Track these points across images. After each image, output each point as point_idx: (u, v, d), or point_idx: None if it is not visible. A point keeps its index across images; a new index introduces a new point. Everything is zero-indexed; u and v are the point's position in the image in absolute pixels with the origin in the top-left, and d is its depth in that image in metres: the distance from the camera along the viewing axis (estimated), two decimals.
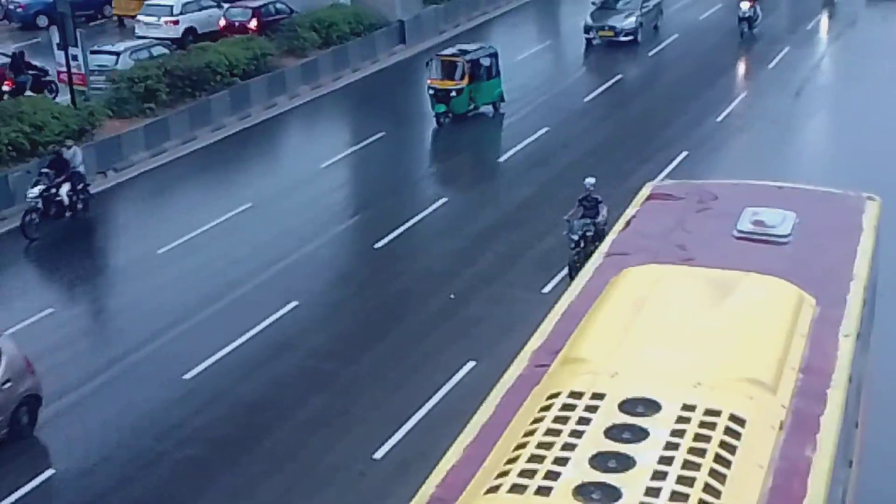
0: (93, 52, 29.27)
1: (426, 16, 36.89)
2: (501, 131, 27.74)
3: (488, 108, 28.34)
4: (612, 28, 33.94)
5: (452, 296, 18.88)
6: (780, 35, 35.85)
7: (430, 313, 18.41)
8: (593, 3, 35.29)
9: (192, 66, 28.66)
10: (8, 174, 23.33)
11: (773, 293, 9.95)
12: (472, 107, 27.70)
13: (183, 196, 24.94)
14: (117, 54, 29.88)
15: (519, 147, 26.17)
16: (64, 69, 26.77)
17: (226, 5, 36.23)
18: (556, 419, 7.63)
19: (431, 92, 27.41)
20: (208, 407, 15.87)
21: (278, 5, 35.95)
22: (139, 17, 35.54)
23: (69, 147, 22.84)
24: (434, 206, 22.90)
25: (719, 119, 27.69)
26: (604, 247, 12.33)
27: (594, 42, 34.11)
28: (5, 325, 16.27)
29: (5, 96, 28.17)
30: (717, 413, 7.54)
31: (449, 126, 27.82)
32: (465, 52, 28.04)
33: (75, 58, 26.65)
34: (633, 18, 34.15)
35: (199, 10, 35.63)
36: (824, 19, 38.20)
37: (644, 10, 34.88)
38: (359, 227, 22.64)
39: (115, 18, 39.15)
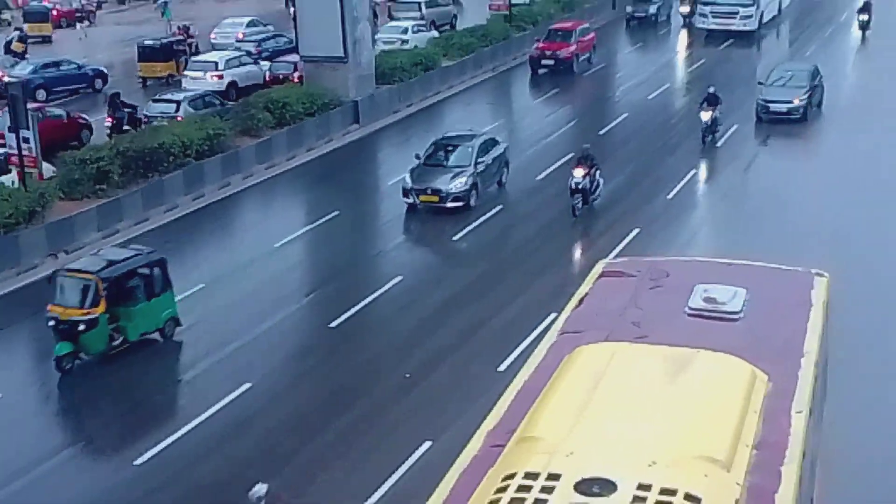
0: (154, 101, 34.59)
1: (380, 96, 37.26)
2: (459, 213, 27.88)
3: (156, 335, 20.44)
4: (436, 192, 26.96)
5: (408, 375, 18.83)
6: (729, 114, 36.58)
7: (386, 392, 18.34)
8: (416, 158, 28.08)
9: (146, 147, 28.68)
10: None
11: (725, 370, 10.06)
12: (116, 342, 19.45)
13: None
14: (178, 102, 33.74)
15: (474, 224, 26.34)
16: (14, 152, 26.62)
17: (263, 62, 41.27)
18: (512, 501, 7.63)
19: (52, 324, 18.96)
20: (160, 491, 15.61)
21: None
22: (186, 73, 39.94)
23: None
24: (389, 284, 22.91)
25: (670, 196, 28.06)
26: (558, 324, 12.42)
27: (417, 206, 27.08)
28: None
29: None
30: (672, 492, 7.57)
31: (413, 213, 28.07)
32: (106, 266, 19.42)
33: (27, 140, 26.56)
34: (463, 178, 27.06)
35: (240, 66, 40.16)
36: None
37: (481, 167, 27.70)
38: (314, 306, 22.58)
39: (139, 77, 42.29)
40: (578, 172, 25.83)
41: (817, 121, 34.82)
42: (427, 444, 16.12)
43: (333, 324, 21.01)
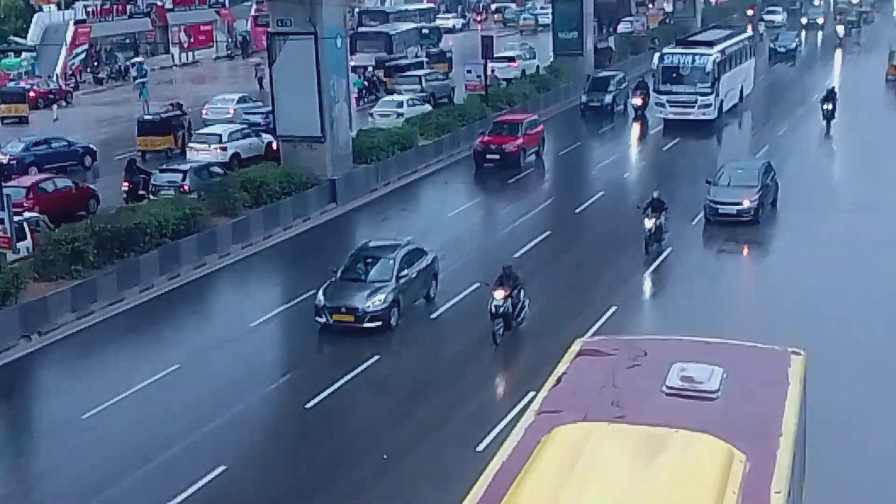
0: (161, 171, 35.99)
1: (357, 174, 37.45)
2: (432, 290, 27.85)
3: None
4: (351, 310, 24.10)
5: (385, 456, 18.67)
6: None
7: (364, 473, 18.13)
8: (332, 271, 25.31)
9: (121, 227, 28.64)
10: None
11: (703, 450, 10.04)
12: None
13: (109, 359, 24.55)
14: (184, 172, 35.13)
15: (452, 302, 26.36)
16: None
17: (265, 135, 41.89)
18: None
19: None
20: None
21: None
22: (191, 145, 41.52)
23: None
24: (366, 363, 22.79)
25: (644, 275, 28.17)
26: (535, 404, 12.39)
27: (331, 326, 24.32)
28: None
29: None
30: None
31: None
32: None
33: (1, 221, 26.45)
34: (382, 296, 24.14)
35: (242, 138, 41.46)
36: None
37: (402, 281, 24.81)
38: (289, 386, 22.41)
39: (139, 152, 42.84)
40: (499, 294, 22.69)
41: (771, 223, 32.03)
42: None
43: (309, 404, 20.82)
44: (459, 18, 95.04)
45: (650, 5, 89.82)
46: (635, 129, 49.17)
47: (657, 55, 49.08)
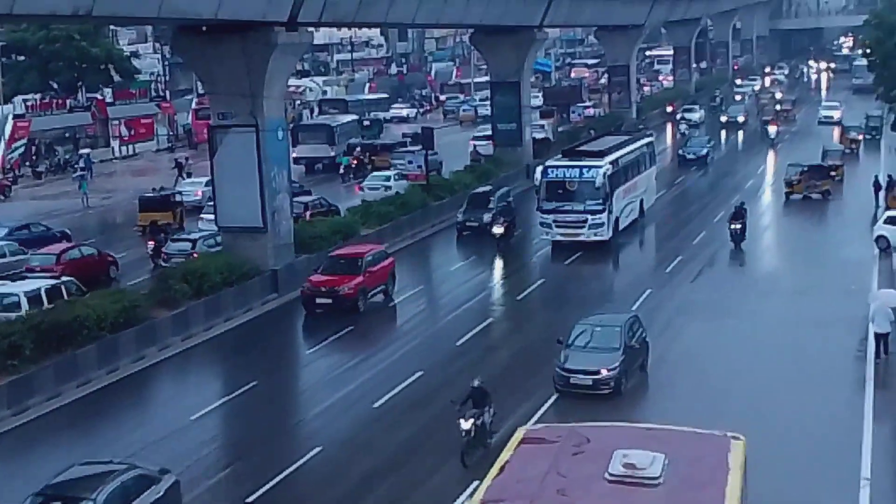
0: (172, 241, 38.99)
1: (299, 264, 37.32)
2: (376, 375, 27.68)
3: None
4: None
5: None
6: (643, 276, 37.25)
7: None
8: None
9: (60, 321, 28.22)
10: None
11: None
12: None
13: (46, 456, 23.96)
14: (194, 241, 37.89)
15: (394, 392, 26.16)
16: None
17: None
18: None
19: None
20: None
21: (323, 200, 46.32)
22: (202, 216, 44.16)
23: None
24: (309, 454, 22.47)
25: None
26: (479, 494, 12.30)
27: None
28: None
29: None
30: None
31: (323, 370, 27.75)
32: None
33: None
34: None
35: None
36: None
37: None
38: (231, 480, 22.00)
39: (139, 226, 45.17)
40: (466, 425, 21.24)
41: (636, 396, 25.17)
42: None
43: (250, 498, 20.46)
44: (413, 109, 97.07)
45: (601, 94, 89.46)
46: (516, 252, 42.22)
47: (539, 168, 42.51)
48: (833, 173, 51.40)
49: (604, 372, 24.47)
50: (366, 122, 75.28)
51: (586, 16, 71.39)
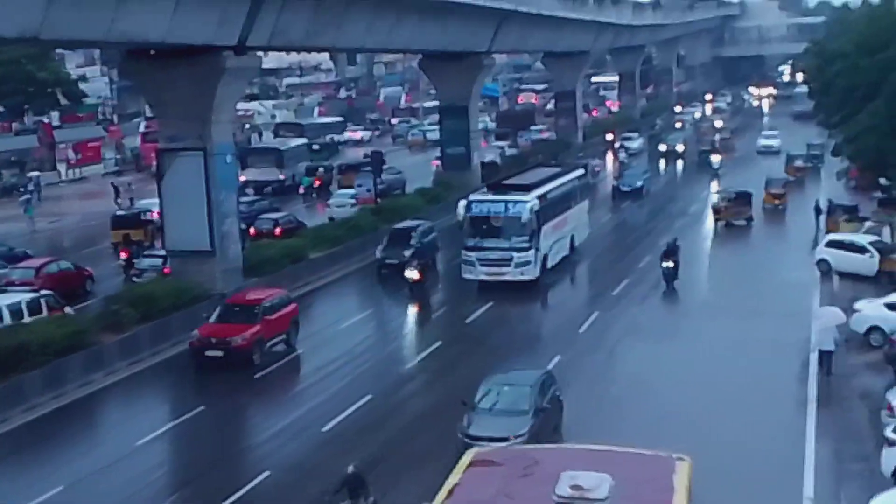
0: (144, 256, 40.33)
1: (248, 288, 37.09)
2: (325, 400, 27.52)
3: None
4: None
5: None
6: (590, 300, 37.28)
7: None
8: None
9: (4, 346, 27.80)
10: None
11: None
12: None
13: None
14: (164, 257, 38.15)
15: (345, 414, 25.98)
16: None
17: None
18: None
19: None
20: None
21: (292, 217, 48.37)
22: None
23: None
24: (256, 479, 22.23)
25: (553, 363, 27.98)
26: None
27: None
28: None
29: None
30: None
31: (269, 394, 27.48)
32: None
33: None
34: None
35: None
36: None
37: None
38: None
39: (111, 245, 45.84)
40: None
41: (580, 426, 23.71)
42: None
43: None
44: (367, 132, 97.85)
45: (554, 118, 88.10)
46: (438, 293, 39.73)
47: (462, 203, 39.17)
48: (776, 201, 52.53)
49: (511, 439, 20.90)
50: (315, 147, 75.20)
51: (533, 42, 71.96)
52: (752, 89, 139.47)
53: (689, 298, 36.02)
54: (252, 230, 44.85)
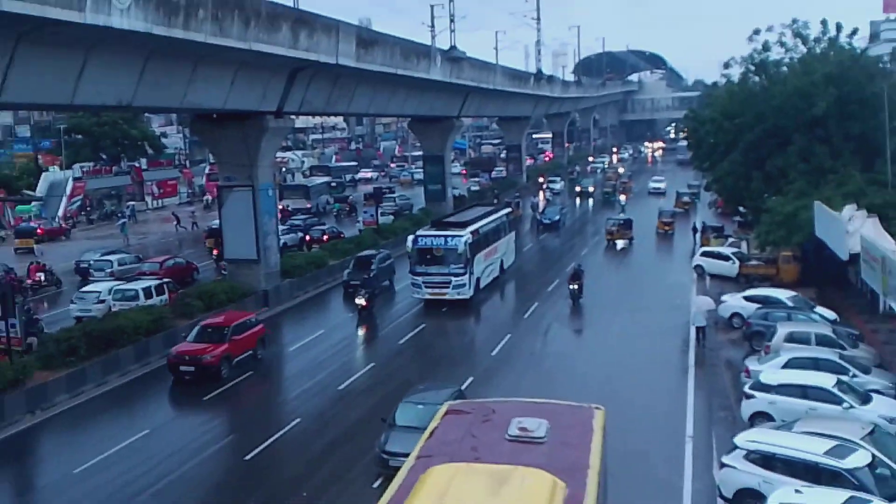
0: (103, 255, 41.62)
1: (284, 286, 37.03)
2: (263, 415, 23.24)
3: None
4: None
5: (304, 494, 17.80)
6: (505, 320, 32.77)
7: None
8: None
9: (107, 328, 27.52)
10: None
11: (536, 481, 10.03)
12: None
13: (98, 429, 23.13)
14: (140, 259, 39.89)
15: (278, 434, 21.25)
16: (3, 334, 25.19)
17: (300, 232, 48.46)
18: None
19: None
20: None
21: (334, 228, 50.41)
22: None
23: None
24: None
25: (494, 353, 27.87)
26: (415, 451, 12.19)
27: None
28: None
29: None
30: None
31: (215, 408, 23.42)
32: None
33: (13, 325, 25.25)
34: None
35: (288, 233, 47.34)
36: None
37: None
38: None
39: (207, 246, 45.17)
40: None
41: (524, 383, 23.12)
42: None
43: None
44: (375, 172, 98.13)
45: (506, 164, 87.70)
46: (397, 308, 35.28)
47: (410, 237, 36.14)
48: (666, 227, 52.17)
49: None
50: (332, 184, 75.23)
51: (490, 109, 72.28)
52: (647, 144, 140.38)
53: (595, 299, 35.40)
54: (307, 237, 47.55)
